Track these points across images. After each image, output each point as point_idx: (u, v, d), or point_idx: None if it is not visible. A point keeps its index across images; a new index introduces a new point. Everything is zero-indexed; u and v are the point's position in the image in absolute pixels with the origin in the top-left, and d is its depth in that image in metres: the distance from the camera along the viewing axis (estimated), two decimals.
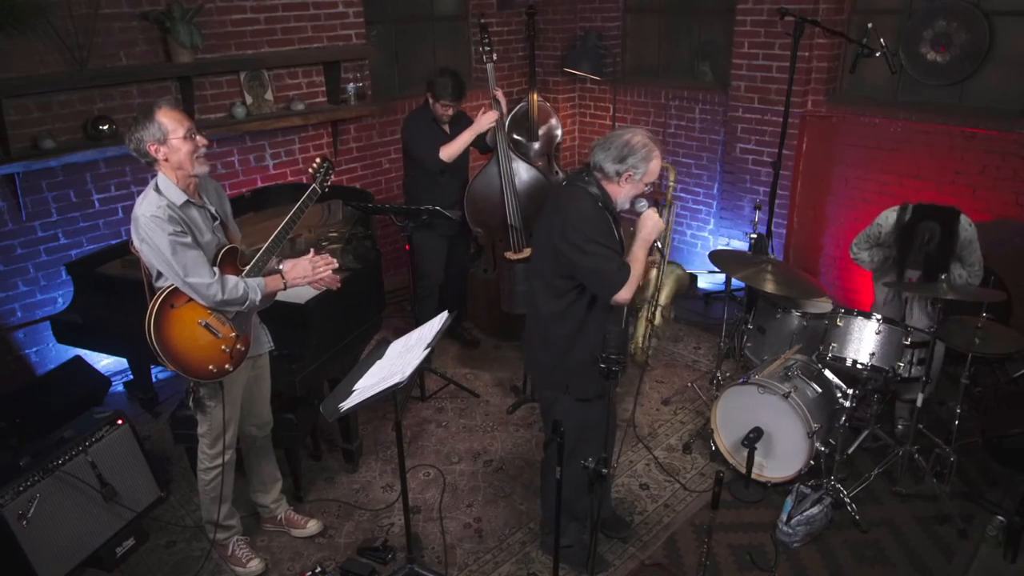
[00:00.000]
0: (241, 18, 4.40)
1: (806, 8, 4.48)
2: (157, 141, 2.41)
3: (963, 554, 3.02)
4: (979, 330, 3.16)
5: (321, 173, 2.81)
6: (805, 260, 5.09)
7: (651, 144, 2.47)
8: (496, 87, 4.21)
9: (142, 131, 2.40)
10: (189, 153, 2.44)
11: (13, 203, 3.83)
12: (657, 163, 2.48)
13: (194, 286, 2.46)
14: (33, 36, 3.66)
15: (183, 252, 2.42)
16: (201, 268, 2.46)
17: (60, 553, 2.72)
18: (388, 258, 5.03)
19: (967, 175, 4.28)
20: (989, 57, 4.23)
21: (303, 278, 2.69)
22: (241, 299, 2.53)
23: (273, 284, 2.65)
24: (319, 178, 2.81)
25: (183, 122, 2.42)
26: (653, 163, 2.47)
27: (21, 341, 4.06)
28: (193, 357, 2.54)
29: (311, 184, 2.77)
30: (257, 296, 2.57)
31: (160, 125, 2.39)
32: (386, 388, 2.36)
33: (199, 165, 2.48)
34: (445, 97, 4.01)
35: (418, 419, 4.03)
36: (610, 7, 5.89)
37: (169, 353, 2.50)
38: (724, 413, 3.48)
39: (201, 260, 2.47)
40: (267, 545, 3.15)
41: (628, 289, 2.43)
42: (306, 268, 2.69)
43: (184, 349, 2.53)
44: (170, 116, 2.41)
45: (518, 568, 3.02)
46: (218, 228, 2.62)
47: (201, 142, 2.46)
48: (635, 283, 2.44)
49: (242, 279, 2.56)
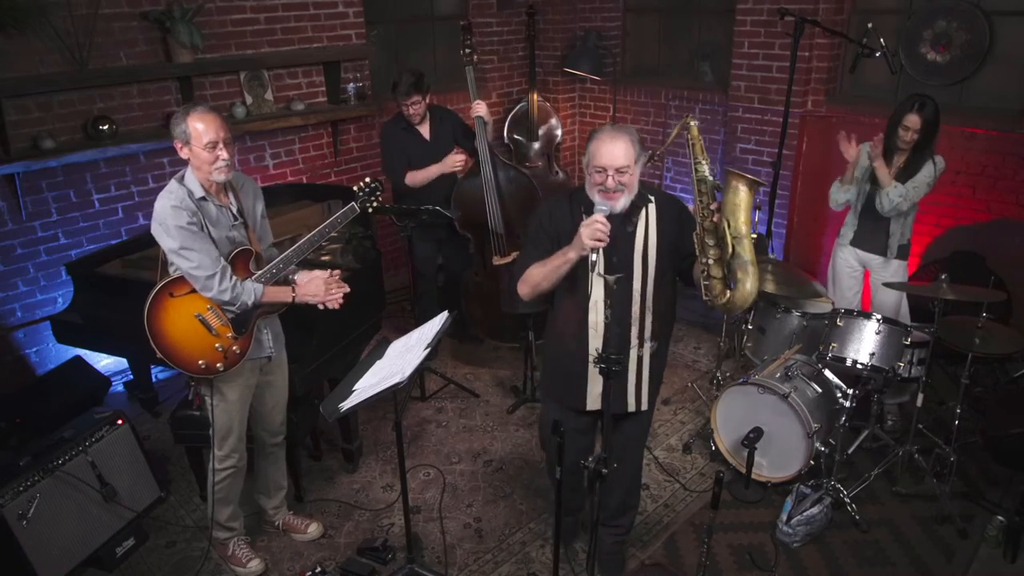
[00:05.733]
0: (241, 18, 4.40)
1: (806, 8, 4.47)
2: (183, 141, 2.45)
3: (963, 554, 3.02)
4: (979, 330, 3.16)
5: (365, 193, 2.81)
6: (805, 260, 5.08)
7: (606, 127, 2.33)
8: (478, 99, 4.03)
9: (174, 127, 2.45)
10: (207, 162, 2.46)
11: (13, 203, 3.83)
12: (597, 144, 2.29)
13: (194, 274, 2.47)
14: (33, 36, 3.66)
15: (191, 239, 2.44)
16: (205, 258, 2.47)
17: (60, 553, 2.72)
18: (388, 258, 5.04)
19: (967, 175, 4.28)
20: (989, 57, 4.23)
21: (313, 296, 2.67)
22: (233, 299, 2.52)
23: (279, 295, 2.64)
24: (361, 198, 2.81)
25: (208, 133, 2.43)
26: (592, 144, 2.31)
27: (21, 341, 4.06)
28: (183, 349, 2.55)
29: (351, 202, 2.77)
30: (251, 300, 2.55)
31: (187, 128, 2.42)
32: (386, 388, 2.36)
33: (217, 173, 2.49)
34: (400, 94, 3.96)
35: (418, 419, 4.03)
36: (610, 7, 5.89)
37: (160, 340, 2.53)
38: (724, 413, 3.48)
39: (207, 250, 2.47)
40: (267, 545, 3.15)
41: (522, 285, 2.43)
42: (319, 288, 2.68)
43: (176, 339, 2.54)
44: (200, 122, 2.42)
45: (518, 568, 3.02)
46: (239, 227, 2.62)
47: (222, 155, 2.47)
48: (528, 285, 2.41)
49: (242, 281, 2.56)
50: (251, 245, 2.65)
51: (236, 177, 2.66)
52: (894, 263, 3.62)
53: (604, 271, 2.29)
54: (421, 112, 4.05)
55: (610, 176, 2.27)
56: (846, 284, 3.83)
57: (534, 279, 2.40)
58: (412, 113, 4.03)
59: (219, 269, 2.49)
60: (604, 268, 2.29)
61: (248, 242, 2.65)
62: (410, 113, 4.03)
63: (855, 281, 3.81)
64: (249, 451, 3.02)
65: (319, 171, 5.05)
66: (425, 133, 4.15)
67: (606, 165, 2.27)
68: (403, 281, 5.42)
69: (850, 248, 3.75)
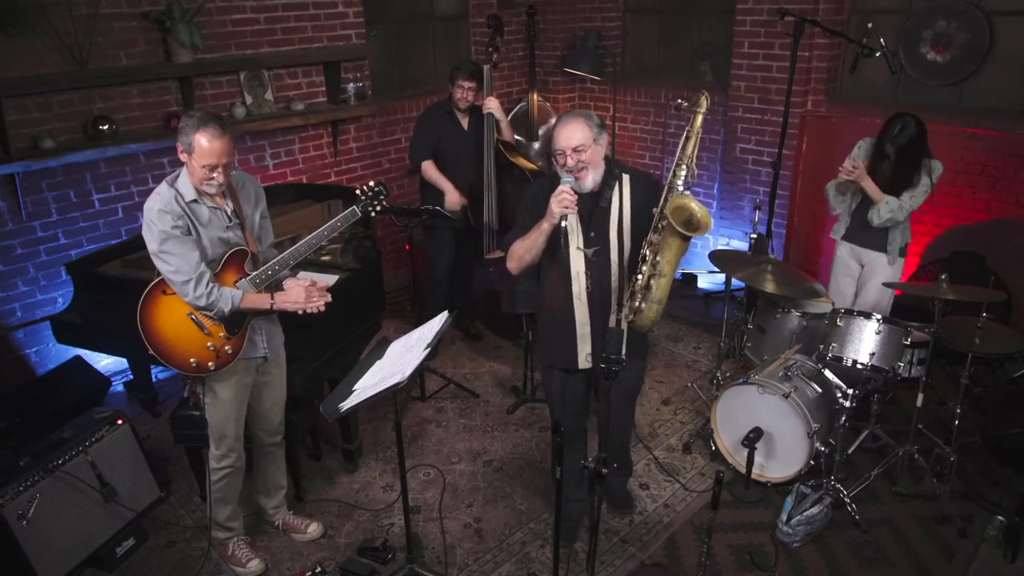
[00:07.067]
0: (241, 18, 4.40)
1: (806, 8, 4.48)
2: (186, 150, 2.45)
3: (963, 554, 3.02)
4: (979, 330, 3.16)
5: (368, 197, 2.77)
6: (805, 260, 5.08)
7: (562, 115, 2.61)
8: (491, 94, 4.23)
9: (182, 134, 2.44)
10: (200, 178, 2.47)
11: (13, 203, 3.83)
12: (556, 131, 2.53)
13: (172, 278, 2.48)
14: (33, 36, 3.66)
15: (172, 243, 2.44)
16: (183, 263, 2.46)
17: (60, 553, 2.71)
18: (388, 258, 5.03)
19: (967, 175, 4.28)
20: (989, 57, 4.24)
21: (293, 304, 2.63)
22: (209, 306, 2.51)
23: (257, 301, 2.60)
24: (364, 201, 2.77)
25: (211, 156, 2.42)
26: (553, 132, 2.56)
27: (21, 341, 4.06)
28: (175, 346, 2.56)
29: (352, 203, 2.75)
30: (227, 308, 2.52)
31: (193, 142, 2.42)
32: (386, 388, 2.36)
33: (207, 187, 2.50)
34: (461, 74, 4.11)
35: (418, 419, 4.03)
36: (610, 7, 5.89)
37: (152, 337, 2.54)
38: (724, 413, 3.48)
39: (188, 256, 2.46)
40: (267, 545, 3.15)
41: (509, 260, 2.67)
42: (299, 296, 2.63)
43: (168, 337, 2.55)
44: (207, 142, 2.41)
45: (518, 568, 3.02)
46: (234, 228, 2.61)
47: (218, 179, 2.47)
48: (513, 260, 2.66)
49: (220, 287, 2.52)
50: (247, 246, 2.65)
51: (236, 177, 2.65)
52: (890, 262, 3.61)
53: (583, 245, 2.60)
54: (470, 100, 4.21)
55: (568, 156, 2.50)
56: (842, 282, 3.83)
57: (518, 252, 2.64)
58: (460, 98, 4.18)
59: (196, 275, 2.47)
60: (583, 243, 2.60)
61: (244, 243, 2.65)
62: (459, 97, 4.17)
63: (850, 279, 3.80)
64: (248, 451, 3.02)
65: (319, 171, 5.05)
66: (464, 124, 4.30)
67: (564, 148, 2.51)
68: (403, 281, 5.42)
69: (845, 244, 3.75)
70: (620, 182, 2.62)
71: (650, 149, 5.90)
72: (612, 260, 2.64)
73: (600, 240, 2.62)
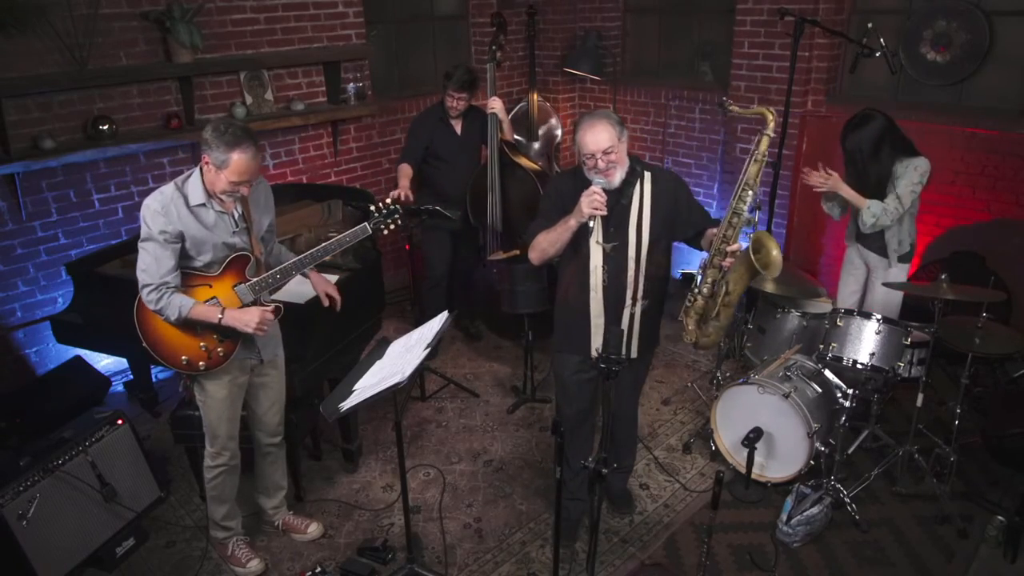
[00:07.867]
0: (241, 18, 4.40)
1: (806, 8, 4.47)
2: (215, 163, 2.41)
3: (963, 554, 3.02)
4: (979, 330, 3.16)
5: (382, 215, 2.76)
6: (805, 260, 5.08)
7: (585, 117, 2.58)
8: (495, 94, 4.24)
9: (214, 147, 2.39)
10: (223, 191, 2.47)
11: (13, 203, 3.83)
12: (581, 135, 2.54)
13: (137, 273, 2.49)
14: (33, 36, 3.66)
15: (154, 245, 2.45)
16: (154, 264, 2.46)
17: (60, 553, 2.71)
18: (388, 258, 5.04)
19: (967, 175, 4.28)
20: (989, 57, 4.23)
21: (243, 325, 2.55)
22: (159, 310, 2.49)
23: (206, 314, 2.53)
24: (376, 219, 2.76)
25: (243, 175, 2.42)
26: (577, 135, 2.57)
27: (21, 341, 4.06)
28: (167, 343, 2.58)
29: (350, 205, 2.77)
30: (173, 316, 2.48)
31: (227, 159, 2.39)
32: (386, 388, 2.36)
33: (228, 196, 2.50)
34: (451, 85, 4.10)
35: (418, 419, 4.03)
36: (610, 7, 5.89)
37: (146, 331, 2.57)
38: (724, 413, 3.48)
39: (162, 261, 2.45)
40: (267, 545, 3.15)
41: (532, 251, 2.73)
42: (251, 319, 2.54)
43: (161, 333, 2.58)
44: (242, 162, 2.40)
45: (518, 568, 3.02)
46: (240, 233, 2.61)
47: (242, 191, 2.48)
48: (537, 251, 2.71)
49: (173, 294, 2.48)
50: (252, 251, 2.65)
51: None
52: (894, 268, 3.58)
53: (602, 240, 2.64)
54: (461, 109, 4.21)
55: (599, 159, 2.53)
56: (849, 283, 3.80)
57: (541, 245, 2.69)
58: (452, 106, 4.18)
59: (156, 281, 2.46)
60: (602, 237, 2.64)
61: (249, 247, 2.65)
62: (451, 105, 4.18)
63: (855, 280, 3.79)
64: (248, 451, 3.02)
65: (319, 171, 5.05)
66: (457, 128, 4.30)
67: (594, 151, 2.53)
68: (403, 281, 5.42)
69: (855, 245, 3.72)
70: (642, 179, 2.66)
71: (650, 149, 5.90)
72: (629, 256, 2.68)
73: (619, 236, 2.66)
